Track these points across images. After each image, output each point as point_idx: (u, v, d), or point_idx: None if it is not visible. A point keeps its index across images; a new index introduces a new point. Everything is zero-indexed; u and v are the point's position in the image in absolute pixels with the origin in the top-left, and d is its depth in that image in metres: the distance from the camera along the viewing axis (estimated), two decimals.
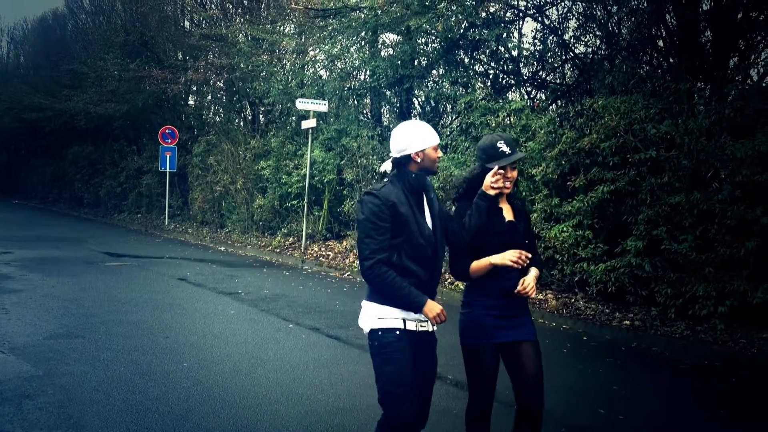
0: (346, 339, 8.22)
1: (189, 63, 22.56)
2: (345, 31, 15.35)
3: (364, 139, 15.30)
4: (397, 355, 3.64)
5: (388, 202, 3.63)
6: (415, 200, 3.75)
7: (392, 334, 3.67)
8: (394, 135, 3.80)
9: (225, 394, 5.95)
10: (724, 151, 8.57)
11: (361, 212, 3.68)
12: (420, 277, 3.70)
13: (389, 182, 3.76)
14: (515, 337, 3.86)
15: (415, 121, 3.88)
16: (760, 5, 10.05)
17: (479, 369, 3.89)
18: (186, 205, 23.57)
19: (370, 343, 3.77)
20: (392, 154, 3.82)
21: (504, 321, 3.86)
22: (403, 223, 3.64)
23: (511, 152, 3.89)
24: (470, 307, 3.94)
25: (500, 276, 3.85)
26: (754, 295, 8.12)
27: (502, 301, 3.87)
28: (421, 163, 3.77)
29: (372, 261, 3.59)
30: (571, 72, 14.65)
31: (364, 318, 3.80)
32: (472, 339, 3.88)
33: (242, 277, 12.96)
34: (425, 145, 3.76)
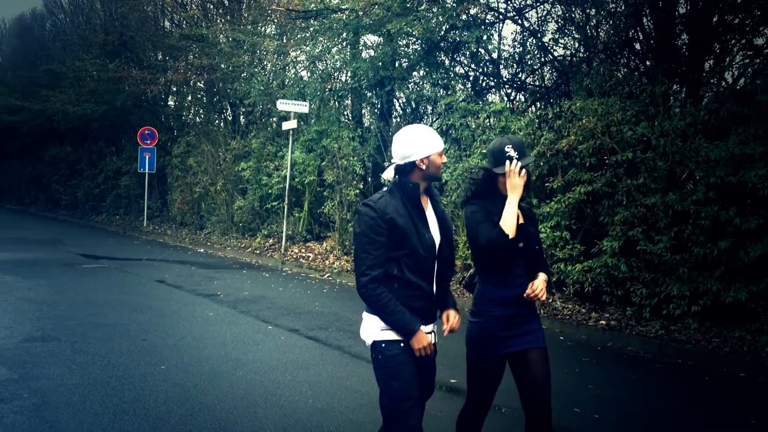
0: (325, 340, 8.24)
1: (169, 63, 22.47)
2: (326, 32, 15.35)
3: (345, 140, 15.32)
4: (404, 369, 3.50)
5: (384, 216, 3.47)
6: (416, 211, 3.57)
7: (397, 347, 3.51)
8: (397, 141, 3.63)
9: (203, 396, 5.95)
10: (698, 153, 8.68)
11: (357, 225, 3.53)
12: (424, 289, 3.56)
13: (388, 192, 3.60)
14: (524, 345, 3.80)
15: (419, 126, 3.68)
16: (735, 9, 10.18)
17: (483, 378, 3.83)
18: (165, 206, 23.45)
19: (374, 355, 3.60)
20: (395, 161, 3.64)
21: (514, 329, 3.79)
22: (403, 237, 3.48)
23: (518, 156, 3.80)
24: (480, 316, 3.83)
25: (509, 283, 3.78)
26: (726, 294, 8.24)
27: (513, 310, 3.78)
28: (426, 170, 3.60)
29: (367, 278, 3.45)
30: (550, 74, 14.75)
31: (366, 329, 3.63)
32: (480, 349, 3.81)
33: (221, 278, 12.93)
34: (430, 151, 3.58)
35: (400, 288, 3.50)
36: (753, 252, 8.04)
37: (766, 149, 8.13)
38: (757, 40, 10.97)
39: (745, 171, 8.19)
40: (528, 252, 3.84)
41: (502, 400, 5.98)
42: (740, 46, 11.14)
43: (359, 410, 5.75)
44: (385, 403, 3.55)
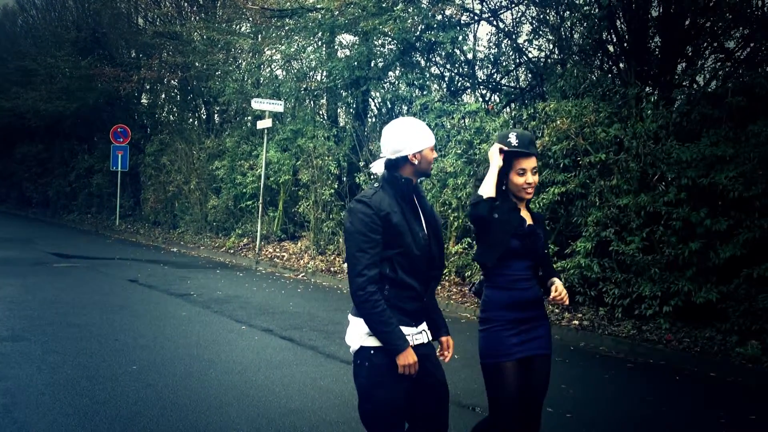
0: (299, 340, 8.21)
1: (142, 61, 22.28)
2: (301, 31, 15.32)
3: (320, 140, 15.29)
4: (391, 379, 3.29)
5: (380, 212, 3.29)
6: (409, 207, 3.43)
7: (385, 355, 3.29)
8: (388, 134, 3.46)
9: (175, 397, 5.90)
10: (670, 155, 8.77)
11: (350, 222, 3.32)
12: (417, 290, 3.39)
13: (380, 188, 3.41)
14: (531, 351, 3.73)
15: (410, 119, 3.50)
16: (706, 12, 10.31)
17: (503, 387, 3.69)
18: (138, 205, 23.27)
19: (359, 362, 3.36)
20: (385, 155, 3.47)
21: (523, 335, 3.71)
22: (398, 235, 3.31)
23: (518, 145, 3.72)
24: (489, 323, 3.76)
25: (515, 286, 3.72)
26: (697, 294, 8.34)
27: (520, 314, 3.72)
28: (418, 165, 3.44)
29: (364, 279, 3.24)
30: (524, 75, 14.85)
31: (352, 333, 3.41)
32: (494, 357, 3.70)
33: (195, 278, 12.84)
34: (423, 146, 3.43)
35: (393, 289, 3.34)
36: (723, 253, 8.15)
37: (736, 151, 8.24)
38: (728, 43, 11.12)
39: (716, 173, 8.29)
40: (534, 253, 3.77)
41: (476, 400, 6.01)
42: (712, 49, 11.28)
43: (333, 410, 5.73)
44: (367, 411, 3.37)
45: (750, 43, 10.63)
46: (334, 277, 13.28)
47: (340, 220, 14.69)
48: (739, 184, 8.04)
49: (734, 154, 8.24)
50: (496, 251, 3.74)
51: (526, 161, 3.73)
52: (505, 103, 13.98)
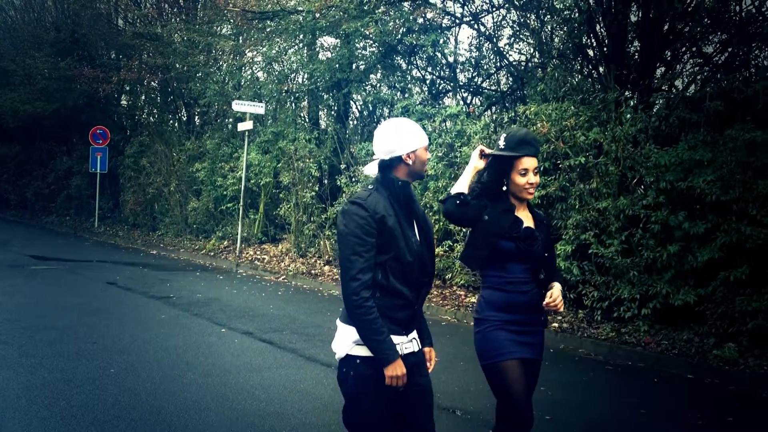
0: (279, 343, 8.18)
1: (122, 62, 22.11)
2: (282, 33, 15.30)
3: (302, 142, 15.26)
4: (376, 389, 3.21)
5: (376, 215, 3.20)
6: (404, 212, 3.33)
7: (372, 365, 3.20)
8: (381, 134, 3.37)
9: (153, 400, 5.85)
10: (649, 159, 8.84)
11: (344, 224, 3.22)
12: (408, 298, 3.30)
13: (375, 190, 3.32)
14: (529, 354, 3.69)
15: (403, 119, 3.44)
16: (685, 17, 10.40)
17: (506, 387, 3.60)
18: (117, 207, 23.09)
19: (344, 370, 3.29)
20: (379, 156, 3.38)
21: (520, 336, 3.66)
22: (391, 239, 3.22)
23: (504, 147, 3.69)
24: (483, 323, 3.70)
25: (512, 288, 3.66)
26: (675, 297, 8.40)
27: (516, 317, 3.66)
28: (412, 166, 3.36)
29: (358, 284, 3.15)
30: (505, 79, 14.92)
31: (339, 342, 3.33)
32: (493, 357, 3.64)
33: (174, 281, 12.76)
34: (417, 146, 3.35)
35: (383, 296, 3.23)
36: (701, 256, 8.21)
37: (714, 155, 8.31)
38: (706, 48, 11.24)
39: (694, 176, 8.36)
40: (533, 256, 3.70)
41: (456, 402, 6.02)
42: (690, 54, 11.39)
43: (313, 413, 5.72)
44: (351, 419, 3.31)
45: (728, 47, 10.75)
46: (314, 280, 13.25)
47: (321, 222, 14.67)
48: (717, 188, 8.11)
49: (712, 158, 8.32)
50: (480, 253, 3.71)
51: (528, 161, 3.67)
52: (486, 107, 14.04)
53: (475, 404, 6.08)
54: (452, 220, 3.82)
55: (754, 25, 10.39)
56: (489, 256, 3.69)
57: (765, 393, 7.02)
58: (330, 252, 14.24)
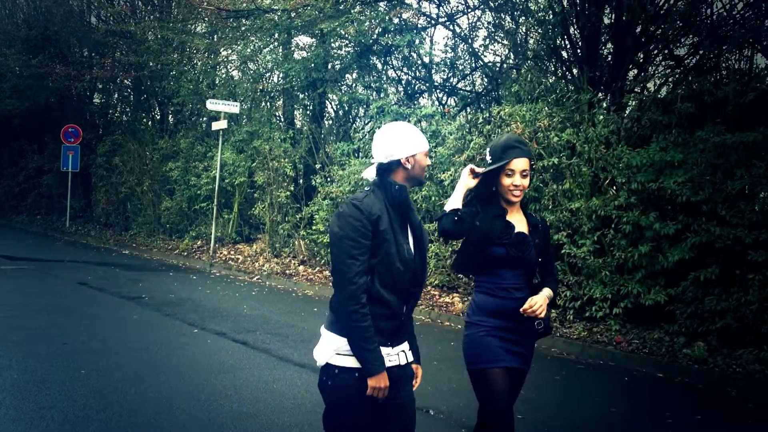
0: (252, 343, 8.14)
1: (95, 60, 21.91)
2: (257, 32, 15.24)
3: (276, 141, 15.21)
4: (355, 401, 3.12)
5: (372, 216, 3.11)
6: (397, 216, 3.23)
7: (351, 377, 3.11)
8: (380, 138, 3.30)
9: (124, 402, 5.80)
10: (620, 160, 8.92)
11: (338, 227, 3.12)
12: (393, 307, 3.18)
13: (371, 192, 3.23)
14: (517, 364, 3.64)
15: (402, 123, 3.37)
16: (657, 19, 10.52)
17: (492, 394, 3.55)
18: (89, 206, 22.86)
19: (324, 378, 3.20)
20: (377, 160, 3.31)
21: (510, 344, 3.61)
22: (382, 242, 3.12)
23: (492, 161, 3.65)
24: (473, 327, 3.65)
25: (504, 295, 3.60)
26: (646, 297, 8.49)
27: (507, 323, 3.59)
28: (411, 170, 3.28)
29: (355, 287, 3.05)
30: (480, 80, 14.98)
31: (320, 349, 3.23)
32: (479, 362, 3.59)
33: (147, 281, 12.66)
34: (416, 150, 3.27)
35: (368, 305, 3.10)
36: (671, 256, 8.31)
37: (685, 157, 8.41)
38: (678, 50, 11.38)
39: (665, 177, 8.46)
40: (526, 262, 3.63)
41: (430, 402, 6.03)
42: (662, 56, 11.52)
43: (285, 414, 5.70)
44: (328, 428, 3.24)
45: (699, 50, 10.89)
46: (289, 280, 13.21)
47: (296, 222, 14.63)
48: (687, 189, 8.21)
49: (683, 159, 8.42)
50: (473, 260, 3.66)
51: (516, 162, 3.63)
52: (461, 107, 14.09)
53: (448, 404, 6.09)
54: (449, 236, 3.72)
55: (724, 28, 10.54)
56: (483, 263, 3.64)
57: (734, 391, 7.11)
58: (305, 252, 14.20)
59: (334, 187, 13.15)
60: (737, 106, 8.61)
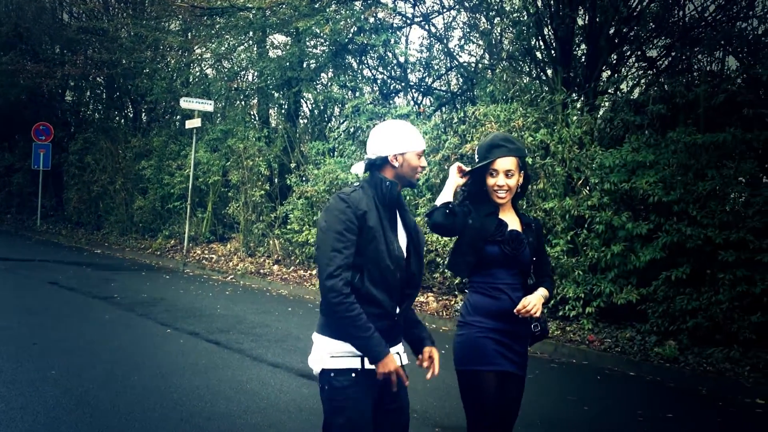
0: (226, 343, 8.09)
1: (67, 57, 21.65)
2: (232, 30, 15.16)
3: (251, 140, 15.13)
4: (351, 405, 3.03)
5: (358, 211, 3.04)
6: (387, 214, 3.16)
7: (347, 378, 3.04)
8: (372, 134, 3.26)
9: (96, 402, 5.74)
10: (594, 160, 8.99)
11: (324, 220, 3.07)
12: (385, 306, 3.10)
13: (360, 187, 3.17)
14: (511, 367, 3.53)
15: (399, 121, 3.30)
16: (630, 21, 10.62)
17: (479, 397, 3.48)
18: (60, 205, 22.61)
19: (321, 385, 3.12)
20: (367, 156, 3.27)
21: (503, 347, 3.50)
22: (371, 239, 3.05)
23: (479, 158, 3.59)
24: (467, 327, 3.54)
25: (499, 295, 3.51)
26: (618, 296, 8.57)
27: (502, 325, 3.49)
28: (399, 169, 3.20)
29: (338, 279, 2.97)
30: (456, 80, 15.03)
31: (314, 356, 3.14)
32: (470, 364, 3.49)
33: (119, 280, 12.53)
34: (406, 149, 3.19)
35: (358, 303, 3.02)
36: (643, 256, 8.39)
37: (656, 157, 8.50)
38: (650, 52, 11.50)
39: (637, 178, 8.54)
40: (520, 260, 3.55)
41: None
42: (635, 58, 11.64)
43: (258, 414, 5.67)
44: None
45: (671, 52, 11.02)
46: (263, 280, 13.15)
47: (271, 221, 14.56)
48: (659, 189, 8.29)
49: (654, 160, 8.51)
50: (468, 259, 3.57)
51: (499, 162, 3.54)
52: (436, 107, 14.13)
53: (423, 403, 6.10)
54: (441, 231, 3.65)
55: (696, 30, 10.67)
56: (477, 262, 3.55)
57: (704, 390, 7.20)
58: (279, 251, 14.15)
59: (309, 186, 13.12)
60: (708, 108, 8.73)
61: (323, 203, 12.85)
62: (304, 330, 8.84)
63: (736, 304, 7.69)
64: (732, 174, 7.96)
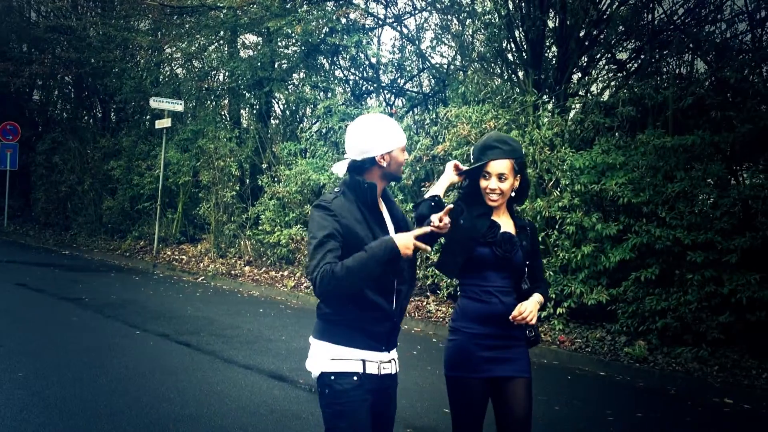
0: (196, 345, 8.02)
1: (34, 55, 21.36)
2: (203, 29, 15.04)
3: (222, 141, 15.03)
4: (354, 408, 2.96)
5: (342, 219, 2.95)
6: (374, 216, 3.07)
7: (348, 381, 2.96)
8: (353, 133, 3.09)
9: (63, 405, 5.65)
10: (564, 162, 9.05)
11: (309, 231, 3.00)
12: (384, 308, 3.03)
13: (341, 193, 3.05)
14: (507, 372, 3.39)
15: (378, 116, 3.15)
16: (600, 24, 10.71)
17: (465, 403, 3.39)
18: (28, 205, 22.31)
19: (320, 390, 3.02)
20: (350, 157, 3.10)
21: (495, 352, 3.38)
22: (361, 247, 2.93)
23: (473, 160, 3.47)
24: (457, 333, 3.43)
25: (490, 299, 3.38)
26: (589, 296, 8.63)
27: (493, 330, 3.37)
28: (387, 168, 3.09)
29: (319, 270, 2.85)
30: (428, 81, 15.06)
31: (313, 359, 3.05)
32: (458, 370, 3.39)
33: (87, 282, 12.37)
34: (393, 146, 3.07)
35: (357, 310, 2.97)
36: (613, 257, 8.46)
37: (626, 159, 8.58)
38: (620, 54, 11.61)
39: (607, 179, 8.61)
40: (512, 263, 3.42)
41: None
42: (606, 60, 11.74)
43: (229, 416, 5.62)
44: None
45: (640, 55, 11.13)
46: (234, 281, 13.06)
47: (242, 222, 14.48)
48: (629, 191, 8.37)
49: (624, 161, 8.58)
50: (457, 259, 3.45)
51: (493, 165, 3.41)
52: (408, 108, 14.13)
53: None
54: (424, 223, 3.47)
55: (665, 33, 10.79)
56: (466, 263, 3.43)
57: (673, 389, 7.28)
58: (251, 252, 14.06)
59: (281, 187, 13.06)
60: (677, 110, 8.83)
61: (295, 204, 12.81)
62: (275, 331, 8.80)
63: (705, 305, 7.79)
64: (700, 176, 8.05)
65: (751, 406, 6.75)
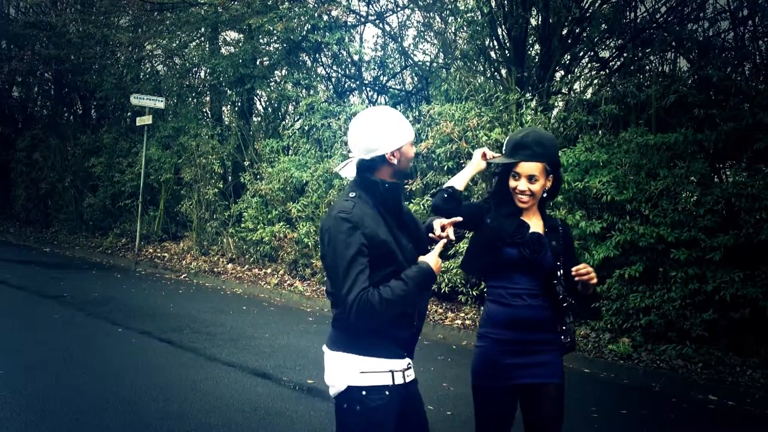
0: (179, 342, 7.96)
1: (13, 52, 21.13)
2: (183, 26, 14.93)
3: (204, 138, 14.94)
4: (387, 423, 2.82)
5: (365, 230, 2.73)
6: (394, 220, 2.88)
7: (381, 395, 2.79)
8: (359, 129, 2.88)
9: (45, 403, 5.59)
10: None
11: (328, 244, 2.75)
12: (412, 317, 2.90)
13: (357, 198, 2.83)
14: (536, 378, 3.28)
15: (383, 110, 2.93)
16: (583, 22, 10.75)
17: (490, 412, 3.31)
18: (8, 203, 22.09)
19: (347, 405, 2.82)
20: (357, 155, 2.90)
21: (523, 358, 3.26)
22: (388, 254, 2.78)
23: (504, 153, 3.36)
24: (483, 340, 3.34)
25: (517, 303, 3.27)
26: None
27: (522, 335, 3.26)
28: (398, 165, 2.89)
29: (356, 297, 2.68)
30: (410, 78, 15.05)
31: (338, 372, 2.84)
32: (483, 379, 3.30)
33: (69, 279, 12.25)
34: (402, 142, 2.87)
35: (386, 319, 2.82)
36: (597, 254, 8.48)
37: (609, 157, 8.61)
38: (603, 52, 11.65)
39: (591, 177, 8.63)
40: (542, 265, 3.30)
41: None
42: (588, 58, 11.79)
43: (212, 413, 5.59)
44: None
45: (623, 53, 11.18)
46: (217, 278, 12.99)
47: (225, 219, 14.40)
48: (612, 188, 8.39)
49: (607, 159, 8.61)
50: (482, 260, 3.36)
51: (522, 166, 3.28)
52: (391, 105, 14.10)
53: None
54: (440, 213, 3.34)
55: (647, 31, 10.84)
56: (493, 264, 3.32)
57: (657, 386, 7.31)
58: (233, 250, 13.99)
59: (264, 184, 13.00)
60: (659, 108, 8.87)
61: (278, 201, 12.75)
62: (258, 329, 8.75)
63: (689, 302, 7.83)
64: (683, 173, 8.09)
65: (735, 403, 6.80)
